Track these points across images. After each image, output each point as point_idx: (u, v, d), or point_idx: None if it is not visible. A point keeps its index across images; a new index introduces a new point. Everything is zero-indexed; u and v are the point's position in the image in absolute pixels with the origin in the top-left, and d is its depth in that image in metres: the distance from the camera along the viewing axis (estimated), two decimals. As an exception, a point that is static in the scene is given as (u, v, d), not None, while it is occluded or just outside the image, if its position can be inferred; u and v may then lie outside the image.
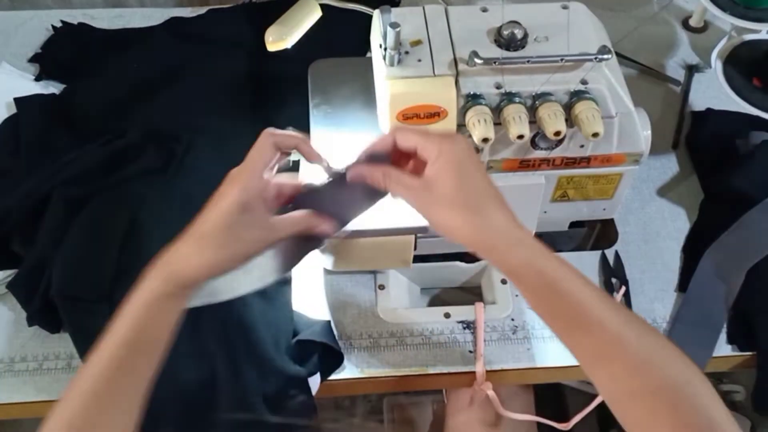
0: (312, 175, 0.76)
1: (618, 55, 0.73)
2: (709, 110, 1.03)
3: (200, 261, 0.59)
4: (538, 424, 0.91)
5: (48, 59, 1.09)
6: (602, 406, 0.83)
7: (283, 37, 0.91)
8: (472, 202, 0.57)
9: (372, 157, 0.62)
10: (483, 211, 0.57)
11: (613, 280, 0.87)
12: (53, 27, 1.12)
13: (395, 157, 0.62)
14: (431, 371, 0.81)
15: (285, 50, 0.90)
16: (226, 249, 0.59)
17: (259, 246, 0.60)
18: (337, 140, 0.82)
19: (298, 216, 0.63)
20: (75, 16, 1.14)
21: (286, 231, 0.62)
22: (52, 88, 1.05)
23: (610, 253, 0.90)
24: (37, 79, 1.06)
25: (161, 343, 0.60)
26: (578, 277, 0.56)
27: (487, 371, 0.80)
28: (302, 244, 0.65)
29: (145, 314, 0.58)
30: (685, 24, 1.17)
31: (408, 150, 0.61)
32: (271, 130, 0.65)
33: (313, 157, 0.66)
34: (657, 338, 0.55)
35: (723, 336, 0.84)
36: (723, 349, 0.83)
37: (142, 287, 0.59)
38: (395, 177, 0.60)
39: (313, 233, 0.63)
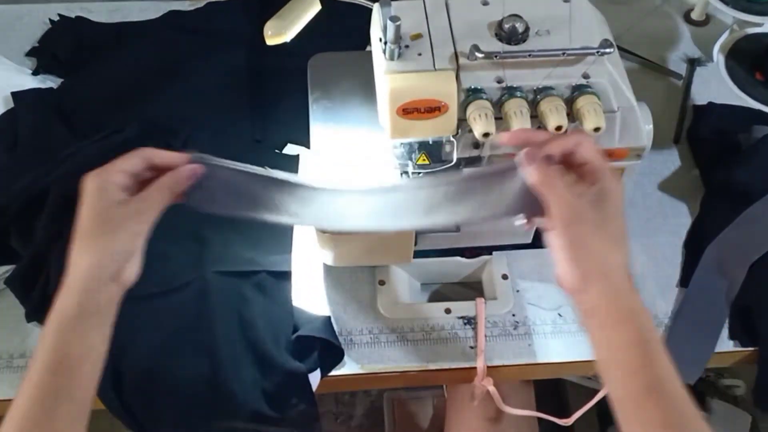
0: (314, 172, 0.76)
1: (619, 48, 0.73)
2: (710, 104, 1.03)
3: (86, 263, 0.58)
4: (539, 419, 0.91)
5: (45, 53, 1.08)
6: (603, 401, 0.82)
7: (282, 30, 0.89)
8: (619, 239, 0.58)
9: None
10: (621, 249, 0.58)
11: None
12: (51, 21, 1.12)
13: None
14: (432, 367, 0.80)
15: (284, 44, 0.90)
16: (102, 238, 0.58)
17: (138, 221, 0.59)
18: (336, 135, 0.82)
19: (156, 188, 0.61)
20: (73, 10, 1.13)
21: (156, 198, 0.60)
22: (49, 82, 1.04)
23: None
24: (35, 73, 1.05)
25: (89, 360, 0.58)
26: (661, 344, 0.57)
27: (488, 367, 0.80)
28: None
29: (60, 336, 0.57)
30: (687, 17, 1.16)
31: (582, 159, 0.59)
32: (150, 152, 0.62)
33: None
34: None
35: (725, 332, 0.83)
36: (725, 344, 0.83)
37: (53, 308, 0.58)
38: (558, 179, 0.58)
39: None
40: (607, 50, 0.69)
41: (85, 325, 0.58)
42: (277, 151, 0.96)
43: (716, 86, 1.06)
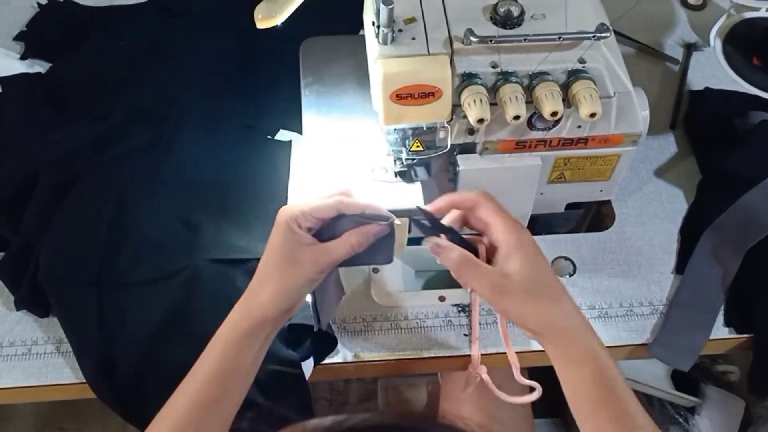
0: (305, 182, 0.75)
1: (616, 33, 0.72)
2: (707, 89, 1.02)
3: (266, 294, 0.63)
4: (534, 407, 0.90)
5: (33, 37, 1.06)
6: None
7: (273, 14, 0.88)
8: (550, 294, 0.61)
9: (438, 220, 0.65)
10: (560, 301, 0.61)
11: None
12: (38, 4, 1.10)
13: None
14: (426, 355, 0.80)
15: (276, 28, 0.88)
16: (284, 275, 0.63)
17: (316, 269, 0.64)
18: (329, 121, 0.81)
19: (347, 236, 0.65)
20: (61, -7, 1.11)
21: (339, 252, 0.64)
22: (37, 66, 1.02)
23: (604, 237, 0.89)
24: (23, 57, 1.04)
25: (244, 379, 0.65)
26: (626, 384, 0.61)
27: (483, 354, 0.80)
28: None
29: (225, 352, 0.63)
30: (684, 1, 1.15)
31: (481, 223, 0.63)
32: (343, 198, 0.66)
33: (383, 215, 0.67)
34: None
35: (720, 318, 0.83)
36: (720, 331, 0.82)
37: (223, 326, 0.64)
38: (471, 266, 0.62)
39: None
40: (604, 35, 0.68)
41: (249, 348, 0.64)
42: (269, 137, 0.95)
43: (713, 71, 1.05)
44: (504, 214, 0.63)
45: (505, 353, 0.80)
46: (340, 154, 0.79)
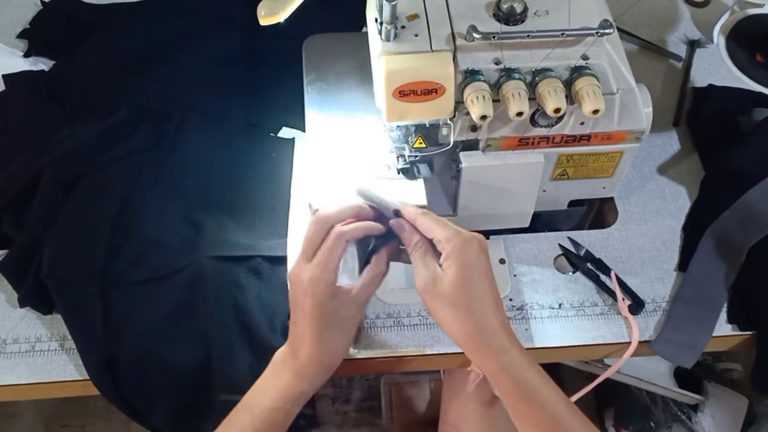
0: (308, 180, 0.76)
1: (619, 30, 0.72)
2: (711, 86, 1.02)
3: (321, 352, 0.67)
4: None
5: (37, 35, 1.06)
6: (600, 385, 0.82)
7: (276, 11, 0.88)
8: (470, 305, 0.63)
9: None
10: (478, 317, 0.63)
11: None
12: (42, 2, 1.10)
13: None
14: (429, 352, 0.80)
15: (278, 25, 0.88)
16: (330, 335, 0.66)
17: (357, 319, 0.69)
18: (332, 118, 0.81)
19: (370, 276, 0.69)
20: (64, -9, 1.11)
21: (368, 293, 0.69)
22: (41, 64, 1.02)
23: (607, 234, 0.89)
24: (26, 55, 1.04)
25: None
26: (554, 389, 0.64)
27: (485, 352, 0.79)
28: None
29: (284, 409, 0.67)
30: (687, -2, 1.15)
31: (424, 232, 0.66)
32: (340, 229, 0.68)
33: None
34: None
35: (723, 316, 0.83)
36: (723, 328, 0.82)
37: (274, 385, 0.68)
38: (420, 256, 0.65)
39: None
40: (607, 31, 0.68)
41: (302, 403, 0.69)
42: (272, 134, 0.95)
43: (716, 68, 1.05)
44: (446, 225, 0.65)
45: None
46: (342, 151, 0.79)
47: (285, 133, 0.95)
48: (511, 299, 0.83)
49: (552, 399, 0.63)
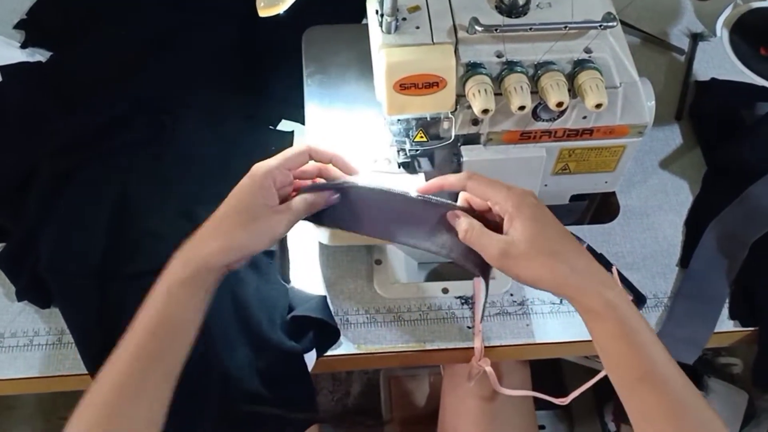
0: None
1: (621, 23, 0.71)
2: (714, 80, 1.01)
3: (216, 245, 0.62)
4: (536, 398, 0.90)
5: (34, 26, 1.05)
6: (600, 381, 0.82)
7: (275, 2, 0.87)
8: (555, 251, 0.61)
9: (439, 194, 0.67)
10: (567, 257, 0.61)
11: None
12: (39, -8, 1.09)
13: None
14: (429, 347, 0.80)
15: (278, 16, 0.87)
16: (241, 231, 0.63)
17: (274, 229, 0.64)
18: (332, 111, 0.80)
19: (309, 195, 0.67)
20: (61, -19, 1.10)
21: (299, 211, 0.65)
22: (38, 55, 1.01)
23: (608, 229, 0.88)
24: (23, 46, 1.03)
25: (186, 330, 0.62)
26: (652, 332, 0.60)
27: (485, 347, 0.79)
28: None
29: (167, 301, 0.61)
30: (690, -9, 1.14)
31: (479, 198, 0.65)
32: (312, 143, 0.69)
33: (350, 171, 0.71)
34: (709, 411, 0.58)
35: (724, 311, 0.82)
36: (724, 324, 0.82)
37: (164, 275, 0.62)
38: (478, 232, 0.63)
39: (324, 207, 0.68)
40: (610, 24, 0.67)
41: (191, 297, 0.62)
42: (271, 127, 0.94)
43: (720, 62, 1.04)
44: (497, 184, 0.64)
45: (509, 346, 0.80)
46: (342, 145, 0.78)
47: (284, 125, 0.95)
48: (512, 294, 0.83)
49: (652, 342, 0.59)
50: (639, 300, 0.82)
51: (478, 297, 0.81)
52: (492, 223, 0.65)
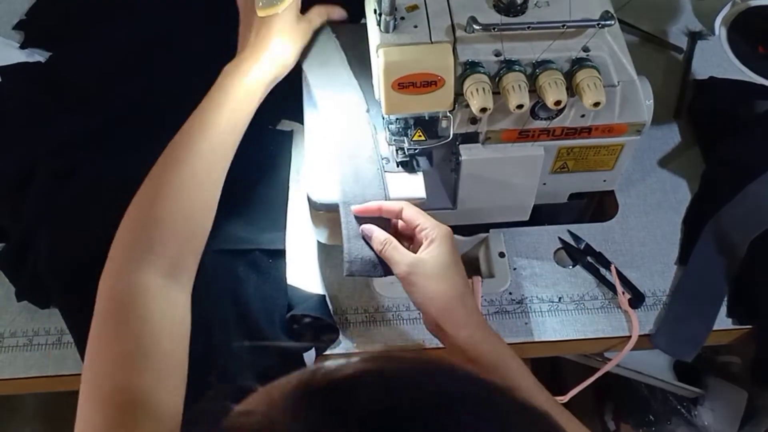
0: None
1: (619, 21, 0.71)
2: (712, 78, 1.01)
3: (296, 50, 0.81)
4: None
5: (33, 26, 1.05)
6: (600, 378, 0.82)
7: (274, 2, 0.87)
8: (455, 279, 0.67)
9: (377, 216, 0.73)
10: (461, 293, 0.67)
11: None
12: (38, -7, 1.09)
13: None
14: (428, 346, 0.80)
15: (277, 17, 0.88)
16: (303, 37, 0.82)
17: (308, 31, 0.83)
18: (330, 110, 0.80)
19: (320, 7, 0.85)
20: (60, -18, 1.10)
21: (319, 18, 0.85)
22: (37, 56, 1.02)
23: (607, 227, 0.89)
24: (23, 47, 1.03)
25: (239, 135, 0.76)
26: (519, 367, 0.65)
27: (485, 345, 0.79)
28: None
29: (249, 98, 0.76)
30: (689, -11, 1.14)
31: (408, 222, 0.70)
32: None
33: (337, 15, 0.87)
34: None
35: (723, 309, 0.82)
36: (723, 322, 0.82)
37: (247, 73, 0.77)
38: (394, 248, 0.69)
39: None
40: (608, 22, 0.67)
41: (260, 98, 0.78)
42: (270, 126, 0.94)
43: (718, 60, 1.04)
44: (428, 216, 0.70)
45: (508, 344, 0.80)
46: (340, 144, 0.78)
47: (284, 125, 0.95)
48: (510, 293, 0.83)
49: (517, 376, 0.65)
50: (637, 298, 0.82)
51: (476, 296, 0.81)
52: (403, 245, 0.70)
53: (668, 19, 1.10)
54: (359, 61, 0.82)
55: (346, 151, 0.76)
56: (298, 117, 0.88)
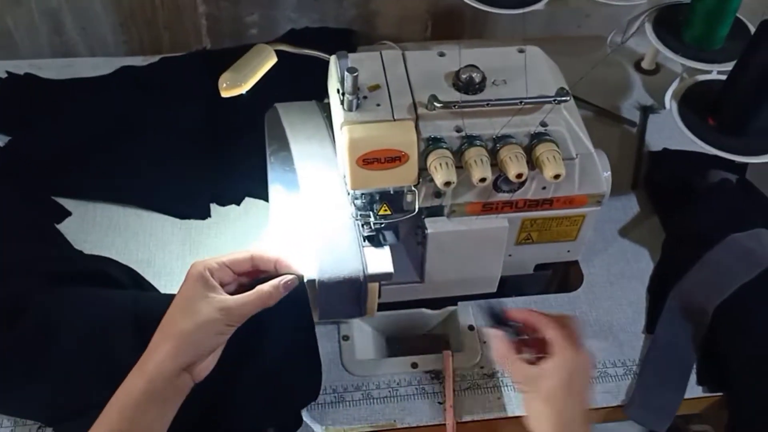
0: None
1: (574, 97, 0.74)
2: (665, 150, 1.05)
3: (166, 348, 0.61)
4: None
5: (-8, 112, 1.05)
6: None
7: (237, 83, 0.88)
8: (561, 411, 0.66)
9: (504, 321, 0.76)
10: (566, 422, 0.66)
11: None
12: (-1, 78, 1.09)
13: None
14: (399, 426, 0.77)
15: (242, 97, 0.89)
16: (189, 329, 0.61)
17: (226, 321, 0.62)
18: (294, 189, 0.80)
19: (258, 288, 0.65)
20: (21, 67, 1.10)
21: (250, 305, 0.64)
22: (-3, 141, 1.01)
23: (574, 297, 0.89)
24: (-19, 133, 1.02)
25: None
26: None
27: (458, 423, 0.77)
28: None
29: (123, 416, 0.60)
30: (638, 66, 1.19)
31: (538, 331, 0.72)
32: (256, 251, 0.69)
33: (294, 273, 0.69)
34: None
35: (693, 377, 0.82)
36: (694, 390, 0.82)
37: (120, 388, 0.61)
38: (517, 365, 0.70)
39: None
40: (564, 98, 0.70)
41: (149, 409, 0.60)
42: (235, 205, 0.94)
43: (670, 132, 1.08)
44: (569, 341, 0.69)
45: (481, 420, 0.78)
46: (306, 220, 0.78)
47: (248, 203, 0.94)
48: (482, 367, 0.82)
49: None
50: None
51: (447, 371, 0.80)
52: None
53: (620, 95, 1.14)
54: (323, 138, 0.83)
55: (325, 227, 0.76)
56: (263, 195, 0.88)
